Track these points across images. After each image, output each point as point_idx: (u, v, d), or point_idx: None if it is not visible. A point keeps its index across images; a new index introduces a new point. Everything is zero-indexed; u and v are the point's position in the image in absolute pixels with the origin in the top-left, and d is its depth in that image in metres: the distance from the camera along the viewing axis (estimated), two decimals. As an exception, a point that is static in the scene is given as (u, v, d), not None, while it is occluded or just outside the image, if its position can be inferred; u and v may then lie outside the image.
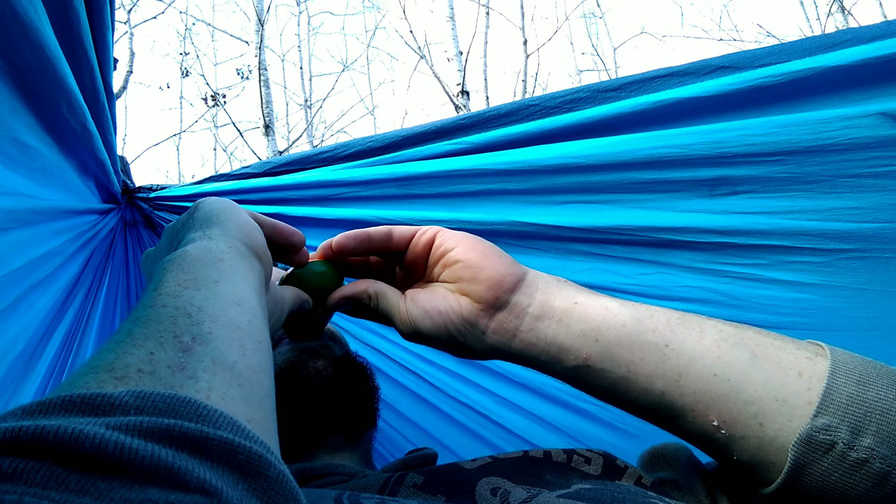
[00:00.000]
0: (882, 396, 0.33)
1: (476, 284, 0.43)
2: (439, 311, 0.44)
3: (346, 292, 0.48)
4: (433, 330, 0.44)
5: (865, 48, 0.60)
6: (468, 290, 0.43)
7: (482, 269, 0.43)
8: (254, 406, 0.27)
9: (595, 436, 0.87)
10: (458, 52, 5.21)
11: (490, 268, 0.43)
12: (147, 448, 0.19)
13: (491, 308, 0.43)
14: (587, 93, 0.70)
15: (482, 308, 0.43)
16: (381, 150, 0.75)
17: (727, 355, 0.37)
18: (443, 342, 0.45)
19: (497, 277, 0.43)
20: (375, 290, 0.47)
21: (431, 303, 0.45)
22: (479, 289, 0.43)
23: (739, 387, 0.36)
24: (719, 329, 0.38)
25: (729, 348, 0.37)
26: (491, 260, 0.44)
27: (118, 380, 0.24)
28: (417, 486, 0.40)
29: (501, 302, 0.42)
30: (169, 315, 0.28)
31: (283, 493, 0.21)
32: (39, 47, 0.48)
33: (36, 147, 0.56)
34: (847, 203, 0.65)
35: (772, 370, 0.36)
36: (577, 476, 0.42)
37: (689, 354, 0.37)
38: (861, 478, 0.32)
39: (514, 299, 0.42)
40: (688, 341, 0.38)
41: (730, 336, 0.38)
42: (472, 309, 0.43)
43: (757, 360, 0.36)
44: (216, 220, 0.39)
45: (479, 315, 0.43)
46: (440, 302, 0.44)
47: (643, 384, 0.38)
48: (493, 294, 0.42)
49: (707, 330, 0.38)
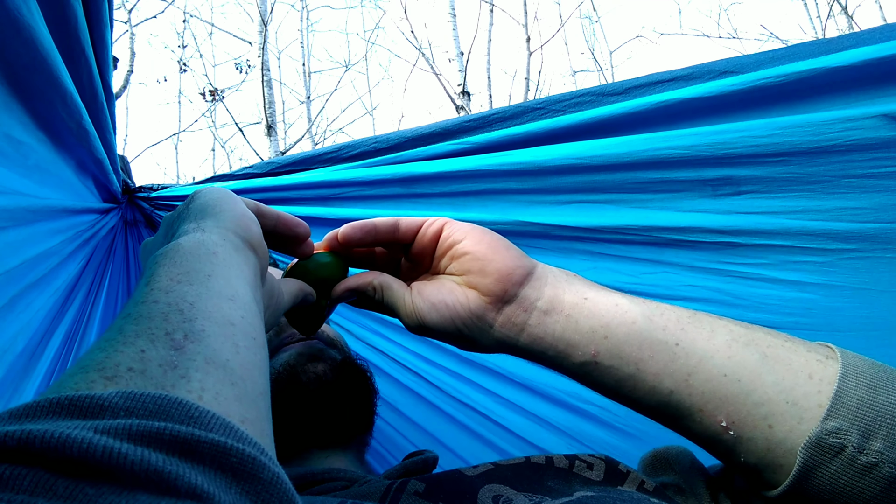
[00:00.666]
0: (892, 401, 0.33)
1: (484, 277, 0.42)
2: (446, 305, 0.43)
3: (350, 284, 0.47)
4: (439, 323, 0.43)
5: (868, 49, 0.60)
6: (476, 282, 0.43)
7: (491, 262, 0.42)
8: (247, 405, 0.26)
9: (596, 437, 0.87)
10: (460, 53, 5.21)
11: (499, 260, 0.42)
12: (136, 452, 0.18)
13: (499, 301, 0.42)
14: (591, 97, 0.70)
15: (490, 301, 0.42)
16: (386, 150, 0.75)
17: (738, 355, 0.36)
18: (449, 335, 0.44)
19: (506, 270, 0.42)
20: (381, 282, 0.47)
21: (438, 296, 0.44)
22: (488, 282, 0.42)
23: (750, 388, 0.35)
24: (730, 329, 0.38)
25: (740, 349, 0.37)
26: (500, 252, 0.43)
27: (108, 379, 0.23)
28: (419, 494, 0.40)
29: (510, 295, 0.42)
30: (160, 311, 0.28)
31: (278, 495, 0.21)
32: (32, 45, 0.47)
33: (29, 143, 0.55)
34: (849, 203, 0.65)
35: (782, 372, 0.35)
36: (580, 482, 0.42)
37: (699, 354, 0.37)
38: (870, 482, 0.32)
39: (522, 293, 0.42)
40: (698, 340, 0.37)
41: (741, 336, 0.37)
42: (480, 302, 0.42)
43: (768, 362, 0.36)
44: (211, 211, 0.38)
45: (487, 308, 0.42)
46: (447, 295, 0.44)
47: (651, 382, 0.38)
48: (502, 287, 0.42)
49: (718, 330, 0.38)
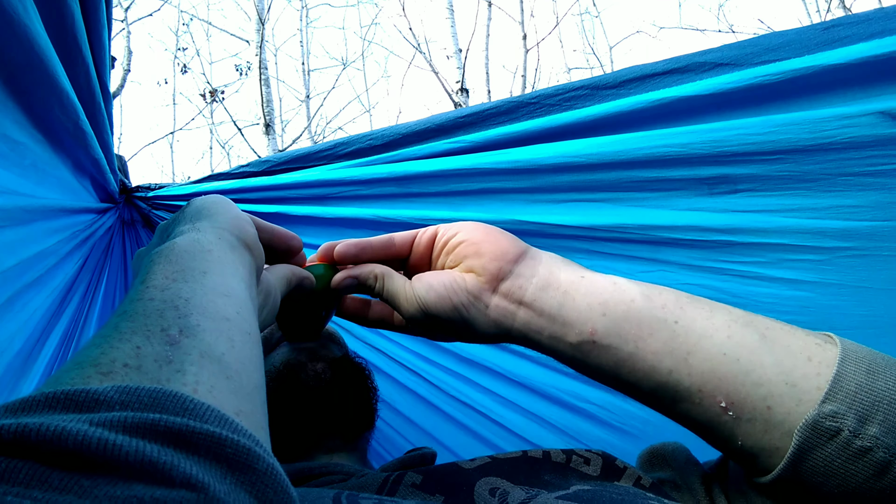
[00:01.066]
0: (890, 387, 0.33)
1: (479, 258, 0.43)
2: (444, 285, 0.44)
3: (353, 273, 0.48)
4: (438, 304, 0.44)
5: (864, 46, 0.60)
6: (472, 265, 0.44)
7: (485, 244, 0.44)
8: (242, 398, 0.26)
9: (594, 435, 0.87)
10: (458, 50, 5.20)
11: (493, 241, 0.44)
12: (131, 444, 0.19)
13: (495, 279, 0.43)
14: (586, 90, 0.70)
15: (486, 280, 0.43)
16: (381, 147, 0.75)
17: (737, 335, 0.36)
18: (448, 321, 0.44)
19: (500, 250, 0.43)
20: (382, 271, 0.47)
21: (436, 278, 0.45)
22: (483, 261, 0.43)
23: (749, 368, 0.35)
24: (729, 311, 0.38)
25: (739, 329, 0.37)
26: (494, 235, 0.44)
27: (104, 375, 0.24)
28: (416, 486, 0.40)
29: (505, 272, 0.42)
30: (156, 308, 0.28)
31: (273, 485, 0.21)
32: (28, 44, 0.47)
33: (25, 143, 0.55)
34: (846, 201, 0.65)
35: (782, 353, 0.35)
36: (576, 477, 0.42)
37: (698, 332, 0.37)
38: (862, 466, 0.32)
39: (517, 269, 0.43)
40: (698, 319, 0.37)
41: (740, 318, 0.37)
42: (477, 282, 0.43)
43: (767, 342, 0.36)
44: (206, 213, 0.39)
45: (484, 288, 0.43)
46: (445, 277, 0.44)
47: (651, 362, 0.37)
48: (497, 265, 0.43)
49: (717, 310, 0.38)
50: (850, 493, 0.32)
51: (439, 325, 0.45)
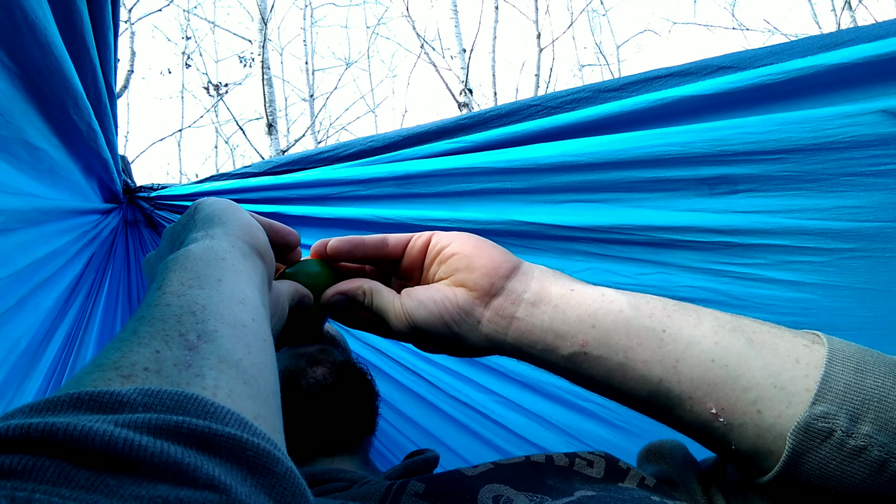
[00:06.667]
0: (880, 384, 0.33)
1: (471, 273, 0.43)
2: (434, 301, 0.43)
3: (341, 288, 0.48)
4: (428, 320, 0.43)
5: (867, 46, 0.60)
6: (463, 279, 0.43)
7: (477, 258, 0.43)
8: (260, 403, 0.27)
9: (596, 434, 0.87)
10: (462, 50, 5.20)
11: (485, 256, 0.43)
12: (156, 445, 0.19)
13: (486, 295, 0.42)
14: (588, 93, 0.70)
15: (478, 296, 0.42)
16: (381, 149, 0.75)
17: (724, 341, 0.36)
18: (438, 336, 0.44)
19: (492, 265, 0.43)
20: (370, 287, 0.47)
21: (426, 293, 0.44)
22: (475, 276, 0.43)
23: (737, 373, 0.35)
24: (716, 317, 0.38)
25: (726, 334, 0.37)
26: (486, 250, 0.44)
27: (125, 378, 0.24)
28: (419, 495, 0.40)
29: (496, 288, 0.42)
30: (174, 313, 0.28)
31: (291, 489, 0.21)
32: (48, 48, 0.48)
33: (44, 149, 0.56)
34: (848, 202, 0.64)
35: (769, 356, 0.35)
36: (580, 480, 0.42)
37: (686, 339, 0.37)
38: (859, 465, 0.32)
39: (509, 286, 0.42)
40: (685, 327, 0.38)
41: (726, 323, 0.38)
42: (468, 297, 0.43)
43: (754, 346, 0.36)
44: (218, 220, 0.40)
45: (475, 303, 0.42)
46: (435, 293, 0.44)
47: (641, 371, 0.38)
48: (489, 280, 0.42)
49: (704, 317, 0.38)
50: (849, 492, 0.32)
51: (429, 339, 0.45)
